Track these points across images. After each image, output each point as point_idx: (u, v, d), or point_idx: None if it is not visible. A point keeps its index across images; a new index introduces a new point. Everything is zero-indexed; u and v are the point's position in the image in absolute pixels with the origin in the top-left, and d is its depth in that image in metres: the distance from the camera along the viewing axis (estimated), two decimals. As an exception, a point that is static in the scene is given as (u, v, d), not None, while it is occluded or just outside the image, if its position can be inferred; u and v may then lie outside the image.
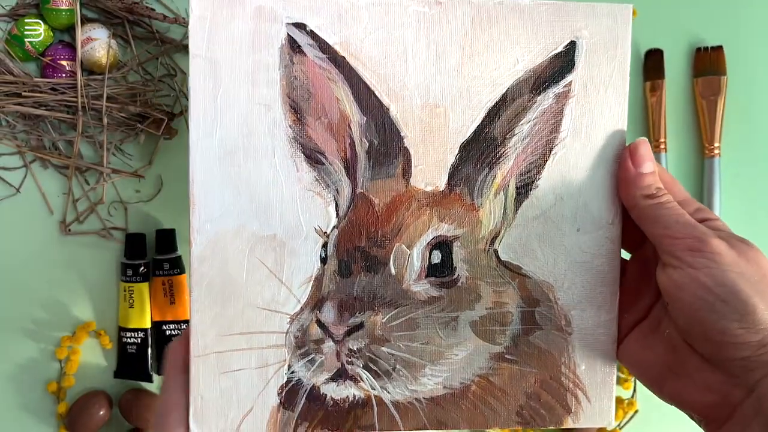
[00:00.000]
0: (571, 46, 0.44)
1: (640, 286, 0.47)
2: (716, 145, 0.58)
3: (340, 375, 0.44)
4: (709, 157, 0.59)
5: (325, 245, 0.44)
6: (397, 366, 0.44)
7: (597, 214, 0.45)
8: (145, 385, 0.61)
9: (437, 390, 0.45)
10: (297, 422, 0.44)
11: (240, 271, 0.44)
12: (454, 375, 0.45)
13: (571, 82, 0.45)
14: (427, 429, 0.45)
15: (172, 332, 0.60)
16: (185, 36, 0.54)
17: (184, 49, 0.56)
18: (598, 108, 0.45)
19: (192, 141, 0.42)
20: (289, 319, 0.44)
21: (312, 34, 0.43)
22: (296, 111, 0.43)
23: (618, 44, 0.45)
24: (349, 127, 0.44)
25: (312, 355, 0.44)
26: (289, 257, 0.44)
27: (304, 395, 0.44)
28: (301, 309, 0.44)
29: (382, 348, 0.44)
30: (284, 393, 0.44)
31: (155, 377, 0.62)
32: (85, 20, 0.57)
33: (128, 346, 0.59)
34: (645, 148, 0.45)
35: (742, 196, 0.59)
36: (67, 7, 0.56)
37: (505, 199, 0.45)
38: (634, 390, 0.61)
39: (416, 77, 0.44)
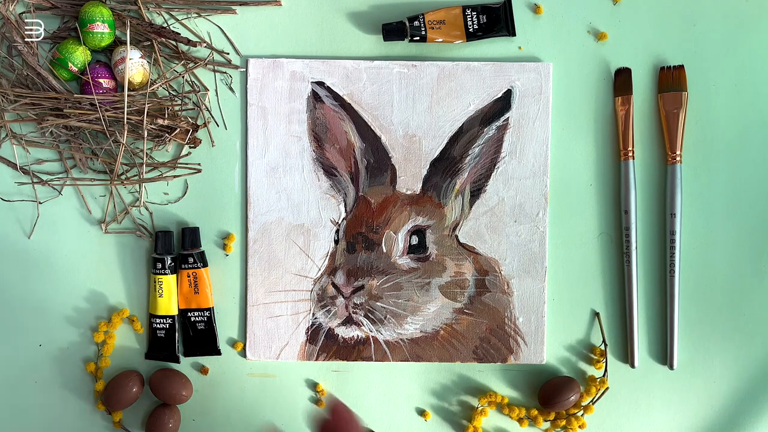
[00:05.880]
0: (508, 93, 0.62)
1: None
2: (678, 152, 0.63)
3: (348, 321, 0.63)
4: (672, 163, 0.63)
5: (337, 231, 0.63)
6: (388, 316, 0.63)
7: (528, 210, 0.63)
8: (173, 365, 0.64)
9: (416, 333, 0.63)
10: (318, 353, 0.63)
11: (280, 248, 0.63)
12: (428, 323, 0.63)
13: (508, 117, 0.62)
14: (409, 361, 0.63)
15: (197, 319, 0.63)
16: (208, 56, 0.62)
17: (206, 67, 0.63)
18: (528, 135, 0.63)
19: (249, 161, 0.62)
20: (313, 282, 0.63)
21: (328, 89, 0.62)
22: (318, 140, 0.63)
23: (542, 91, 0.62)
24: (354, 150, 0.63)
25: (329, 307, 0.63)
26: (313, 239, 0.63)
27: (324, 334, 0.63)
28: (321, 275, 0.63)
29: (377, 303, 0.62)
30: (310, 332, 0.63)
31: (181, 358, 0.64)
32: (119, 42, 0.61)
33: (158, 331, 0.63)
34: None
35: (700, 197, 0.64)
36: (102, 31, 0.59)
37: (463, 200, 0.63)
38: (606, 369, 0.64)
39: (399, 116, 0.63)
